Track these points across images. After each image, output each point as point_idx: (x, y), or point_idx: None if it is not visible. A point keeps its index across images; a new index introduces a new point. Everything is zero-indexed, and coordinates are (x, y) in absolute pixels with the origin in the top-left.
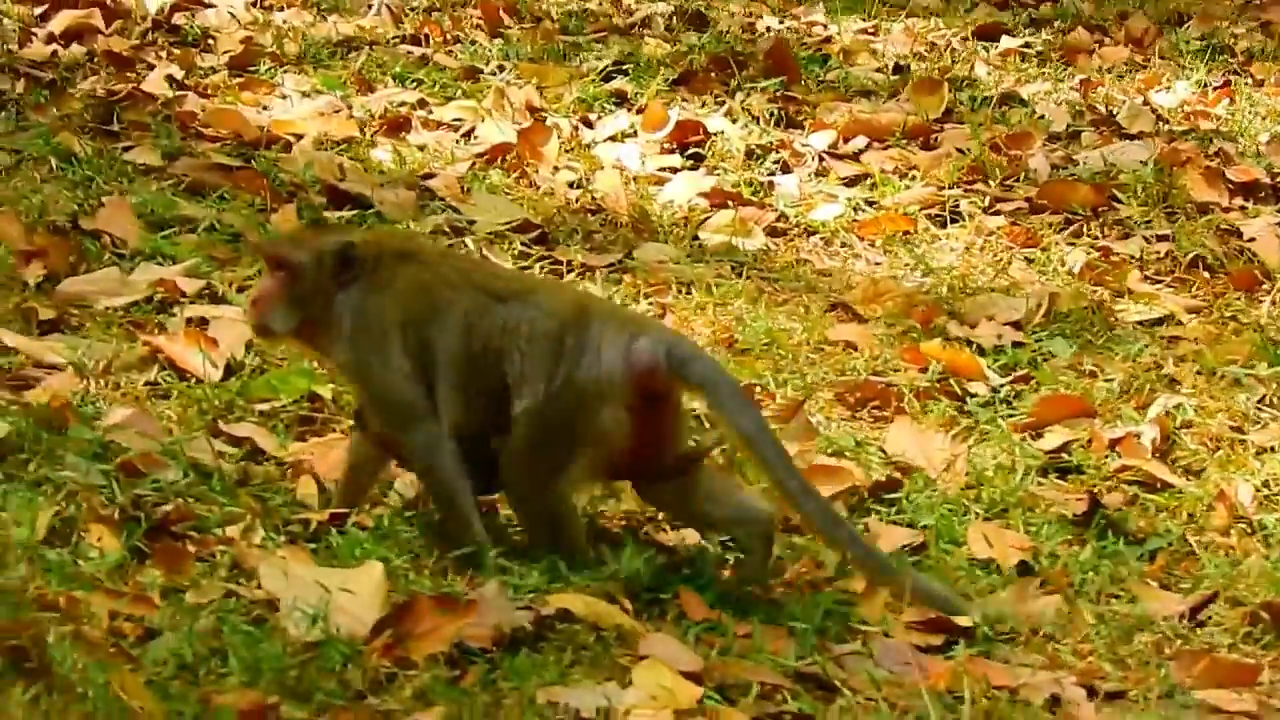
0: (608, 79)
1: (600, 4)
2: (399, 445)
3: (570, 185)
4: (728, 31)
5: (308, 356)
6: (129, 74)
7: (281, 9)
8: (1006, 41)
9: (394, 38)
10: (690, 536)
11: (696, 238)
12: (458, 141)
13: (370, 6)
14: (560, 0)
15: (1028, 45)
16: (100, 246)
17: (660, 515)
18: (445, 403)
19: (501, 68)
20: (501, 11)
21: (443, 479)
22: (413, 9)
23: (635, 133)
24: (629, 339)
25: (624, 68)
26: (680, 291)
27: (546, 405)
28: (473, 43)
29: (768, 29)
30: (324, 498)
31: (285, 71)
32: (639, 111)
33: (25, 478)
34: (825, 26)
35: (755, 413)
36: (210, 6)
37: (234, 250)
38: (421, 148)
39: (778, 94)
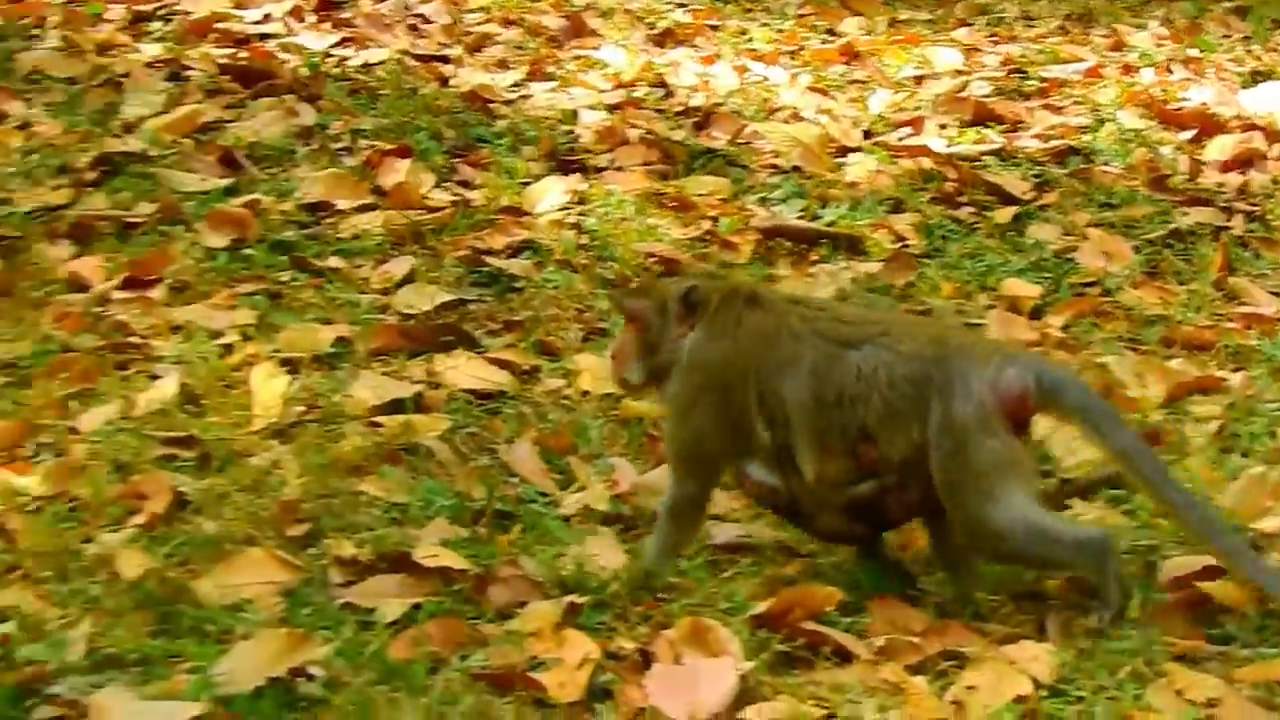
0: None
1: None
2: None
3: None
4: None
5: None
6: None
7: None
8: None
9: None
10: None
11: None
12: None
13: None
14: None
15: None
16: None
17: None
18: (802, 453)
19: None
20: None
21: (674, 535)
22: None
23: None
24: (996, 369)
25: None
26: None
27: (935, 451)
28: None
29: None
30: None
31: None
32: None
33: None
34: None
35: (1130, 431)
36: None
37: None
38: None
39: None
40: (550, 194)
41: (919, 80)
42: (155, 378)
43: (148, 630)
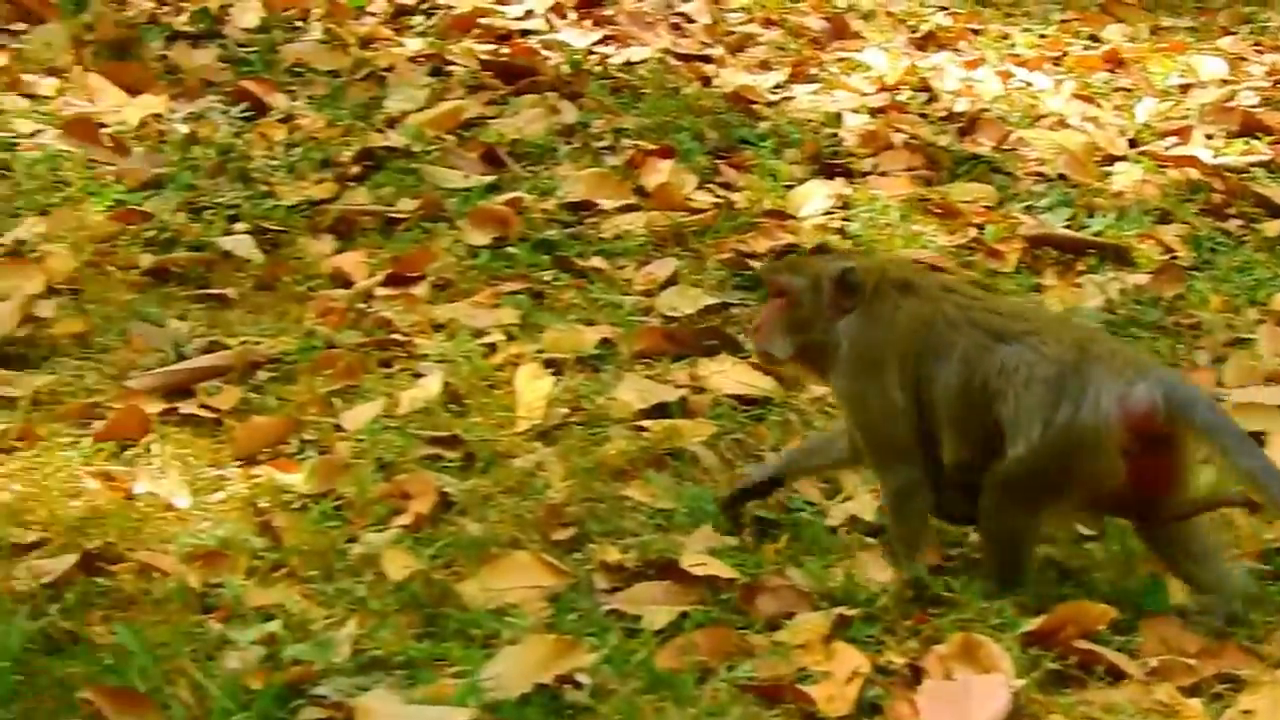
0: None
1: None
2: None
3: None
4: None
5: (809, 381)
6: None
7: None
8: None
9: None
10: None
11: None
12: None
13: None
14: None
15: None
16: None
17: None
18: (945, 436)
19: None
20: None
21: (906, 527)
22: None
23: None
24: (1126, 383)
25: None
26: None
27: (1042, 448)
28: None
29: None
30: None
31: None
32: None
33: None
34: None
35: (1259, 452)
36: None
37: None
38: None
39: None
40: (814, 198)
41: (1184, 89)
42: (419, 376)
43: (413, 633)
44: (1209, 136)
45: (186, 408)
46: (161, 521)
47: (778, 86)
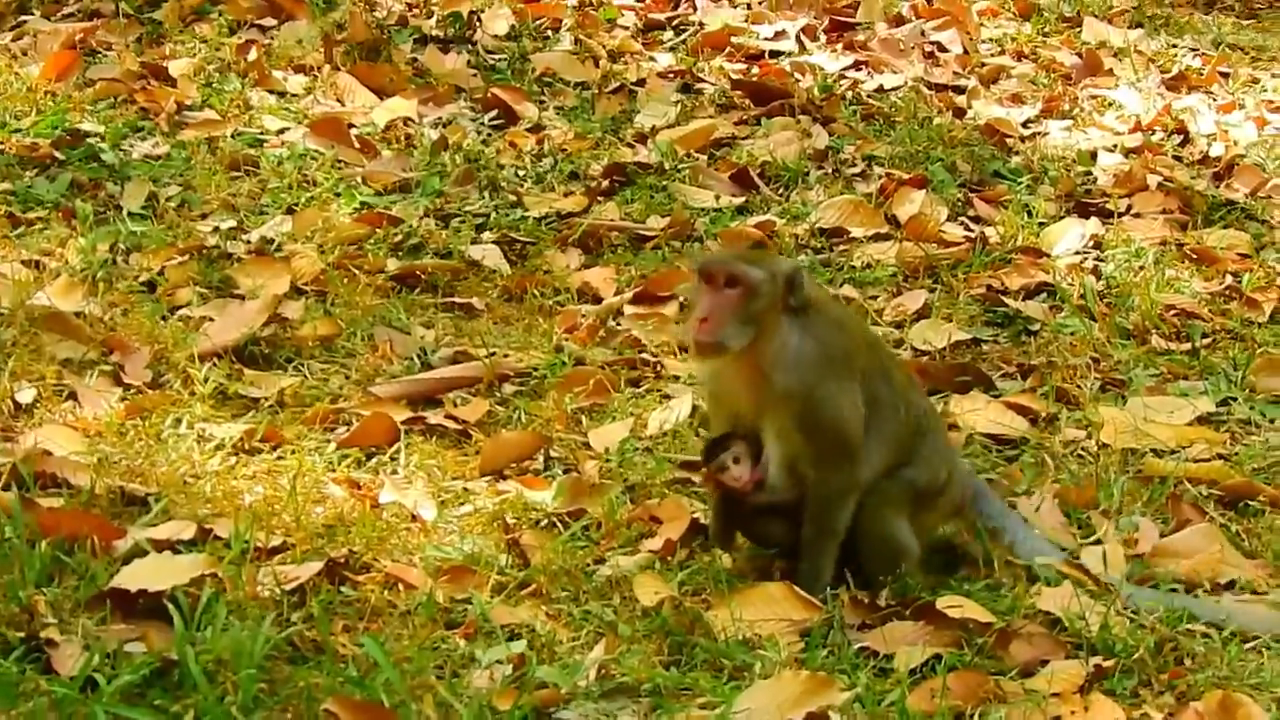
0: None
1: None
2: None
3: None
4: None
5: (739, 379)
6: None
7: None
8: None
9: None
10: None
11: None
12: None
13: None
14: None
15: None
16: None
17: None
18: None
19: None
20: None
21: (836, 526)
22: None
23: None
24: None
25: None
26: None
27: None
28: None
29: None
30: None
31: None
32: None
33: None
34: None
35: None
36: None
37: None
38: None
39: None
40: (1068, 236)
41: None
42: (667, 397)
43: (660, 660)
44: None
45: (433, 418)
46: (407, 533)
47: (1030, 121)
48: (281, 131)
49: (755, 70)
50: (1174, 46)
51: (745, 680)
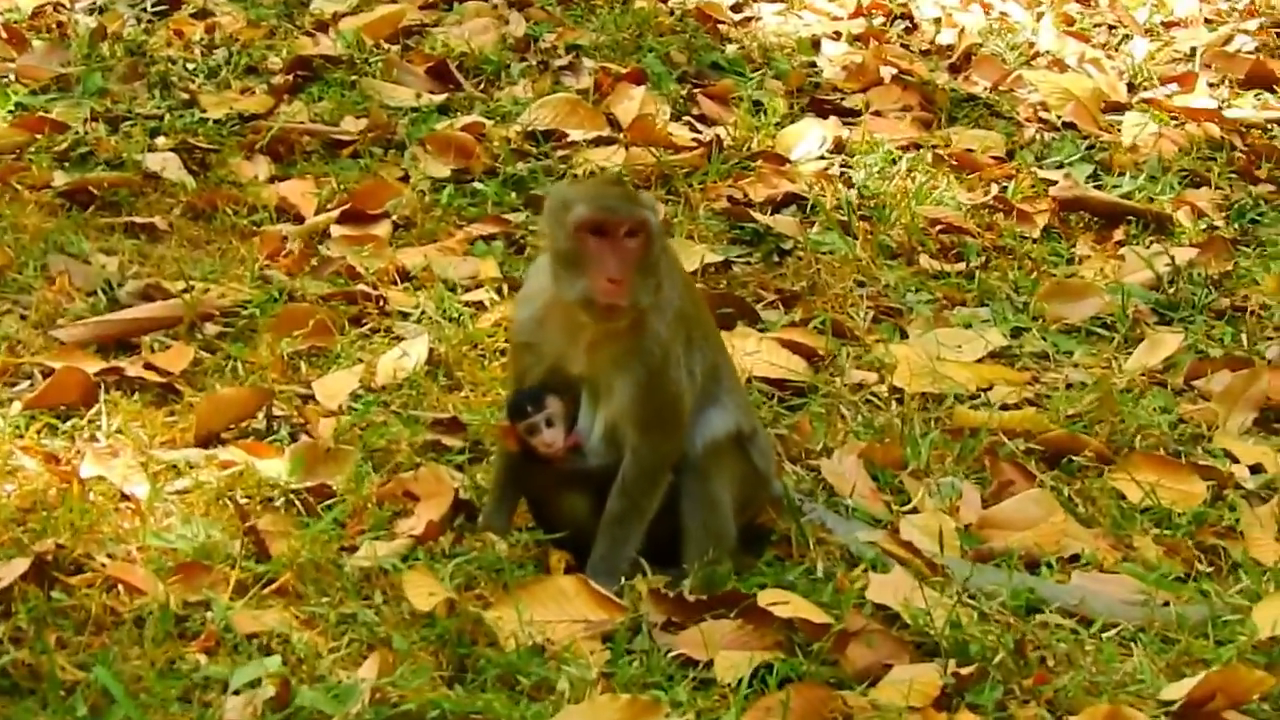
0: None
1: None
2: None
3: None
4: None
5: (582, 331)
6: None
7: None
8: None
9: None
10: None
11: None
12: None
13: None
14: None
15: None
16: None
17: None
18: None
19: None
20: None
21: (650, 503)
22: None
23: None
24: None
25: None
26: None
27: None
28: None
29: None
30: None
31: None
32: None
33: None
34: None
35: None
36: None
37: None
38: None
39: None
40: (808, 138)
41: (1167, 27)
42: (398, 339)
43: (442, 675)
44: (1212, 84)
45: (131, 369)
46: (118, 515)
47: (741, 4)
48: None
49: None
50: None
51: (546, 702)
